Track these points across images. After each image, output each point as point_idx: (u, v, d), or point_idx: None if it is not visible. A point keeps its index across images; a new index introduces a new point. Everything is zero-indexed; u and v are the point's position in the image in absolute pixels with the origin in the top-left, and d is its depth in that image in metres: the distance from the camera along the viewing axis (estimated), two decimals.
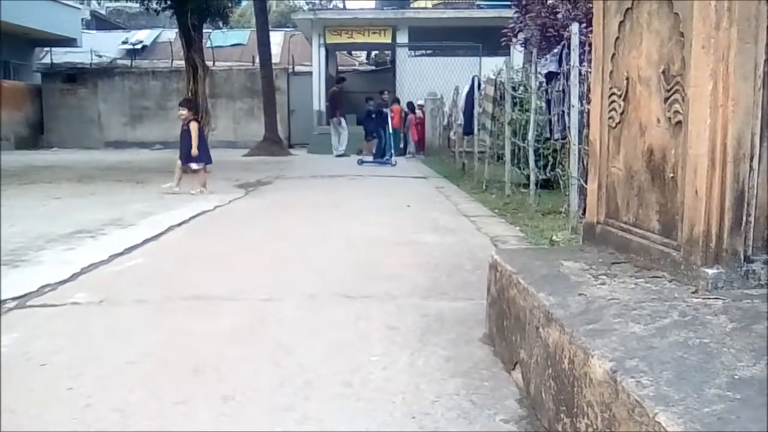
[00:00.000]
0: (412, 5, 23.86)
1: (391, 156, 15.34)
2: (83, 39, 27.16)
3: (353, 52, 27.95)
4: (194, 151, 8.75)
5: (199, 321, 3.04)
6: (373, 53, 27.75)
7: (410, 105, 19.67)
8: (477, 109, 10.69)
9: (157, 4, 12.82)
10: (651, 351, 1.57)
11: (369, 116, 17.83)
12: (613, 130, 2.70)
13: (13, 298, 3.34)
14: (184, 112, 9.02)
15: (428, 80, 20.01)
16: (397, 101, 19.93)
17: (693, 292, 2.00)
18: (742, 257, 2.03)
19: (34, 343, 2.72)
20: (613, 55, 2.69)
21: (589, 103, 4.66)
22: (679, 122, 2.16)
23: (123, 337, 2.81)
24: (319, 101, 22.15)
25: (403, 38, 21.92)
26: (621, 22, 2.61)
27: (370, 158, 15.68)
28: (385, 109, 16.29)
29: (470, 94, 11.20)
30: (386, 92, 17.38)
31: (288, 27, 29.24)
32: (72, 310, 3.25)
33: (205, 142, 9.30)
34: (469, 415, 2.04)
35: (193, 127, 8.83)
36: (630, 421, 1.36)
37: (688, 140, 2.09)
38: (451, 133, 15.11)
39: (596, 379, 1.55)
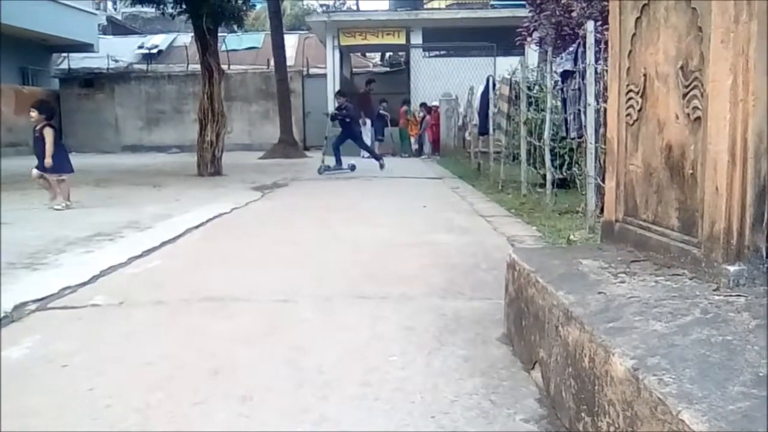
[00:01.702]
0: (425, 6, 23.83)
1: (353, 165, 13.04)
2: (100, 44, 27.36)
3: (367, 54, 27.96)
4: (48, 161, 7.30)
5: (216, 322, 3.06)
6: (387, 54, 27.73)
7: (424, 106, 19.66)
8: (492, 109, 10.65)
9: (172, 8, 12.87)
10: (673, 349, 1.55)
11: (380, 117, 18.37)
12: (630, 128, 2.67)
13: (34, 301, 3.37)
14: (34, 114, 7.56)
15: (443, 81, 19.95)
16: (407, 103, 19.94)
17: (714, 290, 1.98)
18: (764, 254, 2.00)
19: (55, 344, 2.74)
20: (630, 51, 2.67)
21: (605, 101, 4.63)
22: (698, 118, 2.14)
23: (141, 339, 2.82)
24: (334, 103, 22.15)
25: (417, 39, 21.87)
26: (638, 19, 2.58)
27: (335, 164, 13.25)
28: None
29: (485, 94, 11.16)
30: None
31: (302, 29, 29.31)
32: (91, 312, 3.27)
33: (64, 149, 7.90)
34: (488, 414, 2.03)
35: (48, 132, 7.42)
36: (653, 420, 1.35)
37: (707, 136, 2.06)
38: (466, 134, 15.06)
39: (617, 377, 1.53)
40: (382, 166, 13.08)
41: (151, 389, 2.26)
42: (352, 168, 12.87)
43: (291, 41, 25.14)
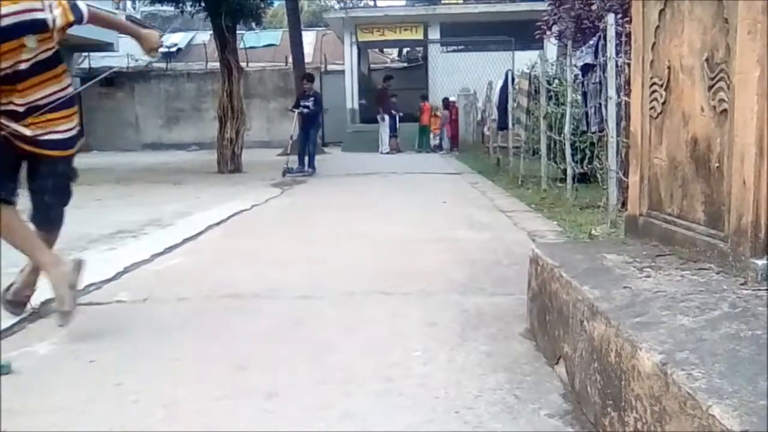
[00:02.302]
0: (443, 1, 23.74)
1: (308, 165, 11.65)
2: (119, 43, 27.59)
3: (385, 50, 27.93)
4: None
5: (239, 319, 3.08)
6: (405, 50, 27.67)
7: (445, 101, 19.60)
8: (511, 104, 10.60)
9: (191, 6, 12.94)
10: (701, 343, 1.54)
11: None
12: (654, 121, 2.65)
13: None
14: None
15: (461, 76, 19.88)
16: (425, 98, 19.90)
17: (742, 284, 1.95)
18: None
19: (82, 340, 2.77)
20: (654, 44, 2.64)
21: (627, 94, 4.60)
22: (724, 111, 2.11)
23: (166, 335, 2.85)
24: (352, 100, 22.18)
25: (434, 34, 21.81)
26: (661, 11, 2.56)
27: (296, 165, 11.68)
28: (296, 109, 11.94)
29: (504, 89, 11.11)
30: (306, 83, 12.32)
31: (320, 26, 29.33)
32: (117, 308, 3.31)
33: None
34: (512, 409, 2.02)
35: None
36: (682, 415, 1.34)
37: (734, 129, 2.04)
38: (485, 129, 15.00)
39: (645, 372, 1.52)
40: (310, 174, 11.36)
41: (177, 385, 2.28)
42: (312, 170, 11.47)
43: (309, 38, 25.17)
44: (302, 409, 2.07)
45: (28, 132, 2.76)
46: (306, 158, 11.55)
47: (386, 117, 18.86)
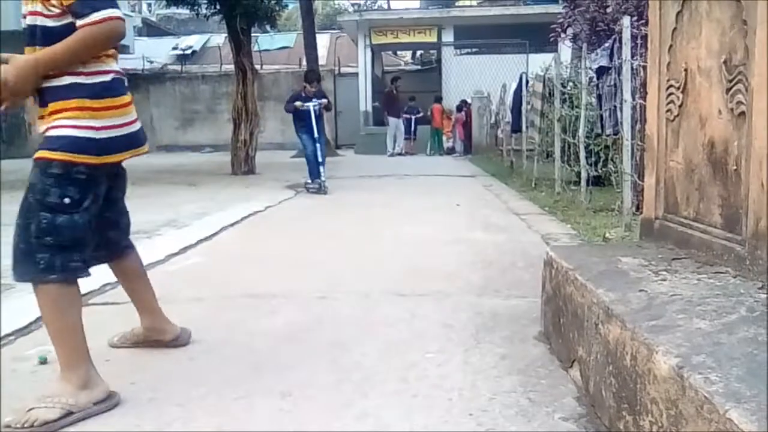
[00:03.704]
0: (456, 4, 23.73)
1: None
2: (135, 45, 27.83)
3: (399, 52, 27.95)
4: None
5: (255, 319, 3.09)
6: (419, 53, 27.68)
7: (461, 104, 19.57)
8: (525, 107, 10.58)
9: (206, 9, 13.03)
10: (718, 347, 1.53)
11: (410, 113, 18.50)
12: (671, 123, 2.64)
13: None
14: None
15: (474, 78, 19.86)
16: (438, 100, 19.87)
17: (760, 288, 1.94)
18: None
19: (97, 339, 2.79)
20: (671, 46, 2.63)
21: (642, 97, 4.58)
22: (742, 113, 2.10)
23: None
24: (365, 102, 22.22)
25: (448, 37, 21.81)
26: (678, 12, 2.55)
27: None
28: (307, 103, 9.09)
29: (518, 92, 11.09)
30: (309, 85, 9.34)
31: (334, 29, 29.43)
32: (132, 308, 3.31)
33: None
34: (527, 412, 2.02)
35: None
36: (698, 419, 1.33)
37: (752, 131, 2.02)
38: (499, 132, 14.97)
39: (661, 376, 1.52)
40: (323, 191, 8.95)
41: (194, 384, 2.30)
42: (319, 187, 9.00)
43: (323, 41, 25.24)
44: (318, 408, 2.08)
45: None
46: (321, 168, 9.00)
47: (391, 119, 18.76)
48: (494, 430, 1.91)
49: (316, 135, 9.12)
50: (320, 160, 9.02)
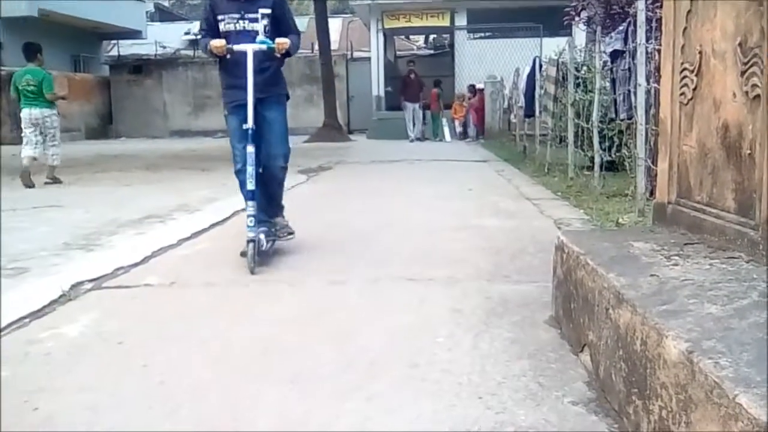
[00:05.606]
0: None
1: None
2: (148, 31, 27.89)
3: (411, 37, 27.79)
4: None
5: (265, 303, 3.11)
6: (432, 37, 27.52)
7: (471, 88, 19.44)
8: (538, 91, 10.49)
9: None
10: (729, 332, 1.52)
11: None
12: (685, 107, 2.61)
13: (90, 280, 3.47)
14: None
15: (488, 63, 19.72)
16: (437, 84, 19.53)
17: None
18: None
19: (110, 322, 2.82)
20: (685, 29, 2.59)
21: (656, 81, 4.52)
22: (757, 96, 2.07)
23: (193, 318, 2.89)
24: (378, 87, 22.14)
25: (461, 21, 21.65)
26: None
27: None
28: None
29: (531, 76, 10.99)
30: None
31: (346, 13, 29.31)
32: (144, 291, 3.36)
33: None
34: (536, 396, 2.02)
35: None
36: (708, 403, 1.32)
37: (767, 115, 1.99)
38: (512, 116, 14.88)
39: (671, 361, 1.51)
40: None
41: (203, 368, 2.31)
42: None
43: (335, 25, 25.15)
44: (327, 393, 2.09)
45: None
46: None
47: (408, 104, 18.65)
48: (503, 414, 1.91)
49: None
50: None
